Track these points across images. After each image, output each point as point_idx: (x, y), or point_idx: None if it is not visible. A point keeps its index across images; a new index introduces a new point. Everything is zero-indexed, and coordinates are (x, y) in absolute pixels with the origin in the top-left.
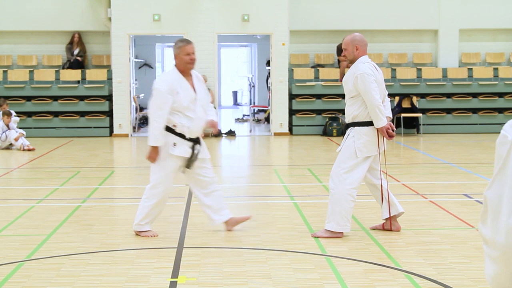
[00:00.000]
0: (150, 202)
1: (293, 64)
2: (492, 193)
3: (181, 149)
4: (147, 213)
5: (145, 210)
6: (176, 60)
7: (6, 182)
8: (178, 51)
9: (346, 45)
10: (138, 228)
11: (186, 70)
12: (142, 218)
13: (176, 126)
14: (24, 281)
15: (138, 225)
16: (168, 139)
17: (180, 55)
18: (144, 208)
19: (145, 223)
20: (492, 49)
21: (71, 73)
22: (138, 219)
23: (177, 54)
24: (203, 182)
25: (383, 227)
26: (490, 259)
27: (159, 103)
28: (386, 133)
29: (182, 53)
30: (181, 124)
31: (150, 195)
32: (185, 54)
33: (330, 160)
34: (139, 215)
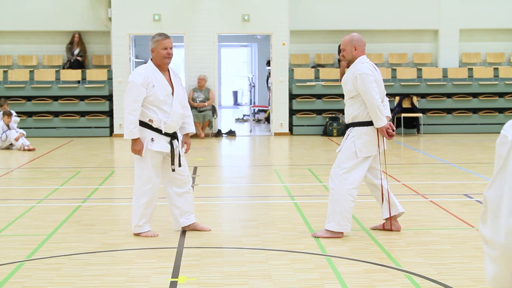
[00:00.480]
0: (141, 201)
1: (293, 64)
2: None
3: (159, 144)
4: (141, 213)
5: (138, 211)
6: (153, 54)
7: (6, 182)
8: (155, 45)
9: (344, 45)
10: (137, 230)
11: (163, 64)
12: (139, 219)
13: (152, 121)
14: (24, 281)
15: (137, 226)
16: (145, 135)
17: (158, 49)
18: (137, 208)
19: (143, 223)
20: (492, 49)
21: (72, 73)
22: (136, 220)
23: (154, 48)
24: (179, 181)
25: (384, 227)
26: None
27: (133, 95)
28: (386, 132)
29: (159, 47)
30: (157, 119)
31: (139, 195)
32: (162, 48)
33: (330, 160)
34: (135, 217)
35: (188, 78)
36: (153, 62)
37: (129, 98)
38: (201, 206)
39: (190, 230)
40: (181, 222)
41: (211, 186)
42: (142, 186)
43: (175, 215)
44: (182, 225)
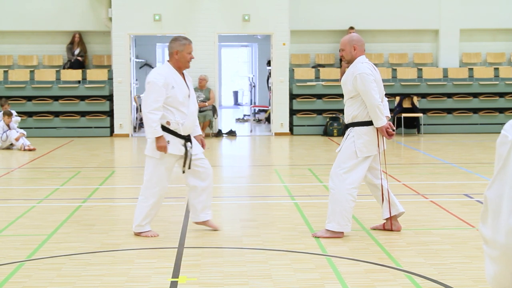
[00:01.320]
0: (148, 202)
1: (293, 64)
2: (492, 193)
3: (175, 147)
4: (146, 213)
5: (144, 211)
6: (176, 56)
7: (6, 182)
8: (182, 48)
9: (343, 45)
10: (138, 229)
11: (184, 67)
12: (142, 219)
13: (169, 124)
14: (24, 281)
15: (139, 226)
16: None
17: (183, 52)
18: (143, 208)
19: (145, 223)
20: (493, 49)
21: (72, 73)
22: (138, 220)
23: (180, 51)
24: (201, 174)
25: (384, 227)
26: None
27: (155, 96)
28: (386, 132)
29: (185, 51)
30: (175, 121)
31: (147, 195)
32: (187, 52)
33: (330, 160)
34: (138, 216)
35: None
36: (172, 64)
37: (150, 98)
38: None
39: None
40: (201, 217)
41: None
42: (152, 187)
43: (196, 210)
44: (199, 220)
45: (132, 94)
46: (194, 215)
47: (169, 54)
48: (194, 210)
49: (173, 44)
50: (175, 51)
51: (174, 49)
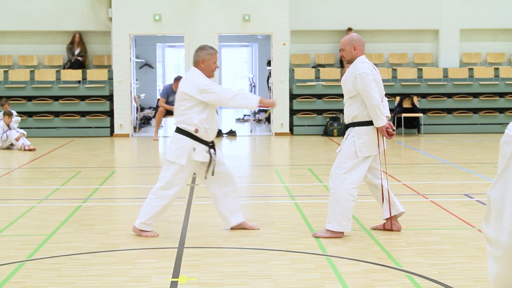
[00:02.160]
0: (160, 202)
1: (293, 64)
2: (495, 192)
3: (200, 154)
4: (155, 214)
5: (153, 210)
6: (202, 65)
7: (7, 182)
8: (209, 57)
9: (343, 45)
10: (142, 227)
11: (208, 77)
12: (149, 218)
13: (197, 131)
14: (25, 281)
15: (144, 224)
16: (187, 144)
17: (209, 62)
18: (153, 207)
19: (151, 223)
20: (493, 49)
21: (72, 73)
22: (145, 218)
23: (206, 60)
24: (222, 180)
25: (384, 227)
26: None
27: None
28: (386, 132)
29: (211, 60)
30: (203, 127)
31: (161, 196)
32: (213, 61)
33: (330, 160)
34: (146, 214)
35: None
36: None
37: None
38: (202, 206)
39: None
40: (231, 221)
41: None
42: (168, 189)
43: (224, 215)
44: (232, 224)
45: (132, 94)
46: (225, 222)
47: (195, 62)
48: (223, 216)
49: (199, 53)
50: (201, 60)
51: (201, 57)
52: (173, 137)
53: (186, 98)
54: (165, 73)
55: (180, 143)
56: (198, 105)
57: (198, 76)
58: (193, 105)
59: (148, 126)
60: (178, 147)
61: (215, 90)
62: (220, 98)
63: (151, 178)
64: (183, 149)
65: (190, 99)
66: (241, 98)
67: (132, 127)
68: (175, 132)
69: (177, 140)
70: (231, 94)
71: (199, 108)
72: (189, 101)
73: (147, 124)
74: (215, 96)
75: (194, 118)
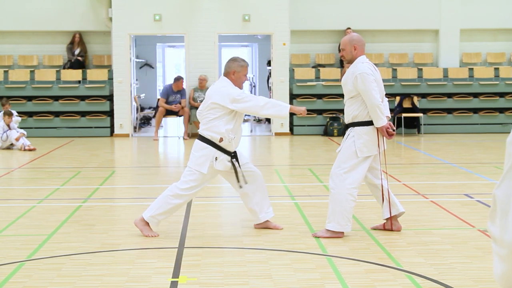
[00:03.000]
0: (176, 201)
1: (293, 64)
2: (501, 191)
3: (221, 164)
4: (167, 210)
5: (167, 207)
6: (233, 76)
7: (7, 182)
8: (240, 69)
9: (344, 45)
10: (152, 221)
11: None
12: (160, 213)
13: (222, 140)
14: (25, 281)
15: (153, 218)
16: (210, 153)
17: (240, 74)
18: (168, 204)
19: (160, 219)
20: (493, 49)
21: (72, 73)
22: (156, 212)
23: (238, 72)
24: (251, 177)
25: (384, 227)
26: (499, 257)
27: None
28: (386, 132)
29: (242, 72)
30: (229, 137)
31: (178, 195)
32: (244, 74)
33: (331, 160)
34: (159, 209)
35: (188, 78)
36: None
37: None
38: (202, 206)
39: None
40: (262, 217)
41: (212, 186)
42: (187, 191)
43: (255, 212)
44: (262, 220)
45: (132, 94)
46: (255, 218)
47: (226, 73)
48: (254, 213)
49: (231, 64)
50: (232, 71)
51: (232, 69)
52: (196, 145)
53: (215, 107)
54: (165, 73)
55: (203, 151)
56: (227, 115)
57: (229, 85)
58: (222, 115)
59: (148, 126)
60: (201, 155)
61: (247, 99)
62: (252, 106)
63: (151, 178)
64: (206, 157)
65: (219, 108)
66: (272, 106)
67: (132, 127)
68: (198, 139)
69: (201, 148)
70: (263, 102)
71: (227, 118)
72: (218, 110)
73: (147, 124)
74: (248, 105)
75: (221, 127)
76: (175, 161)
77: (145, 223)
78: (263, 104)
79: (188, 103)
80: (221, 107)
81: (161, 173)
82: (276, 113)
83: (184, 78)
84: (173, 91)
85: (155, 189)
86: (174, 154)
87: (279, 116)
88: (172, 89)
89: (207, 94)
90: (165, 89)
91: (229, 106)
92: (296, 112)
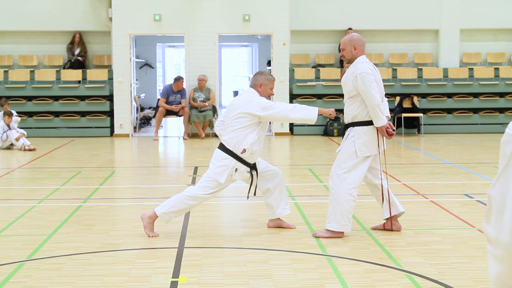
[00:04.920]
0: (191, 202)
1: (293, 64)
2: (496, 191)
3: (241, 175)
4: (180, 210)
5: (181, 206)
6: (259, 89)
7: (7, 182)
8: (267, 83)
9: (344, 44)
10: (163, 217)
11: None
12: (173, 212)
13: (245, 151)
14: (25, 281)
15: (166, 214)
16: (230, 164)
17: (267, 87)
18: (182, 204)
19: (173, 216)
20: (493, 49)
21: (72, 73)
22: (170, 210)
23: (265, 85)
24: (270, 176)
25: (384, 227)
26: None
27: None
28: (386, 132)
29: (269, 86)
30: (252, 149)
31: (195, 197)
32: (270, 88)
33: (331, 160)
34: (172, 207)
35: (188, 78)
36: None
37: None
38: (202, 206)
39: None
40: (277, 213)
41: None
42: (202, 195)
43: (272, 207)
44: (277, 216)
45: (132, 94)
46: (271, 213)
47: (253, 85)
48: (271, 208)
49: (259, 77)
50: (259, 84)
51: (259, 81)
52: (217, 154)
53: (243, 117)
54: (165, 73)
55: (224, 161)
56: (252, 126)
57: (257, 95)
58: (249, 125)
59: (148, 126)
60: (221, 165)
61: (276, 105)
62: (281, 111)
63: (151, 178)
64: (226, 167)
65: (249, 117)
66: (300, 109)
67: (132, 127)
68: (219, 149)
69: (221, 158)
70: (290, 106)
71: (252, 128)
72: (246, 120)
73: (147, 124)
74: (277, 111)
75: (246, 138)
76: (175, 161)
77: (151, 221)
78: (291, 108)
79: (188, 103)
80: (250, 116)
81: (161, 173)
82: (305, 115)
83: (184, 78)
84: (173, 91)
85: (155, 189)
86: (174, 154)
87: (308, 119)
88: (172, 89)
89: (233, 104)
90: (165, 89)
91: (259, 113)
92: (325, 114)
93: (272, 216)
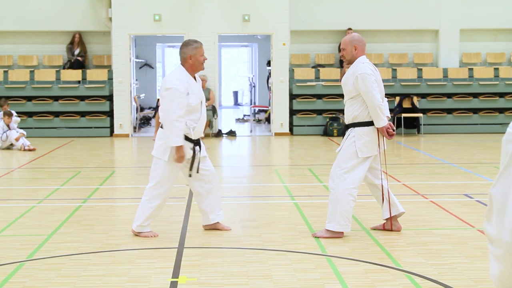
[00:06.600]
0: (153, 203)
1: (293, 64)
2: (497, 191)
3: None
4: (150, 215)
5: (148, 212)
6: (190, 61)
7: (7, 182)
8: (195, 52)
9: (344, 45)
10: (140, 229)
11: (197, 70)
12: (145, 219)
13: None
14: (25, 281)
15: (140, 226)
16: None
17: (197, 56)
18: (147, 209)
19: (147, 224)
20: (493, 49)
21: (72, 73)
22: (141, 220)
23: (193, 55)
24: (205, 177)
25: (384, 227)
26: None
27: (178, 101)
28: (386, 132)
29: (198, 54)
30: (186, 126)
31: (152, 197)
32: (200, 54)
33: (330, 160)
34: (141, 216)
35: None
36: (186, 68)
37: (174, 105)
38: None
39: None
40: (212, 218)
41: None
42: (157, 189)
43: (205, 212)
44: (211, 222)
45: (132, 94)
46: (205, 219)
47: (182, 59)
48: (204, 213)
49: (185, 50)
50: (188, 56)
51: (187, 54)
52: (159, 133)
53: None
54: (165, 73)
55: (165, 139)
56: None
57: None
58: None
59: (148, 126)
60: (162, 143)
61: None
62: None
63: None
64: (166, 145)
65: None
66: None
67: (132, 127)
68: (161, 127)
69: (162, 137)
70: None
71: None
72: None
73: (147, 124)
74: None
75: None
76: None
77: (138, 234)
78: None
79: None
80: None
81: None
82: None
83: None
84: None
85: None
86: None
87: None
88: None
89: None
90: None
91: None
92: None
93: (206, 222)
